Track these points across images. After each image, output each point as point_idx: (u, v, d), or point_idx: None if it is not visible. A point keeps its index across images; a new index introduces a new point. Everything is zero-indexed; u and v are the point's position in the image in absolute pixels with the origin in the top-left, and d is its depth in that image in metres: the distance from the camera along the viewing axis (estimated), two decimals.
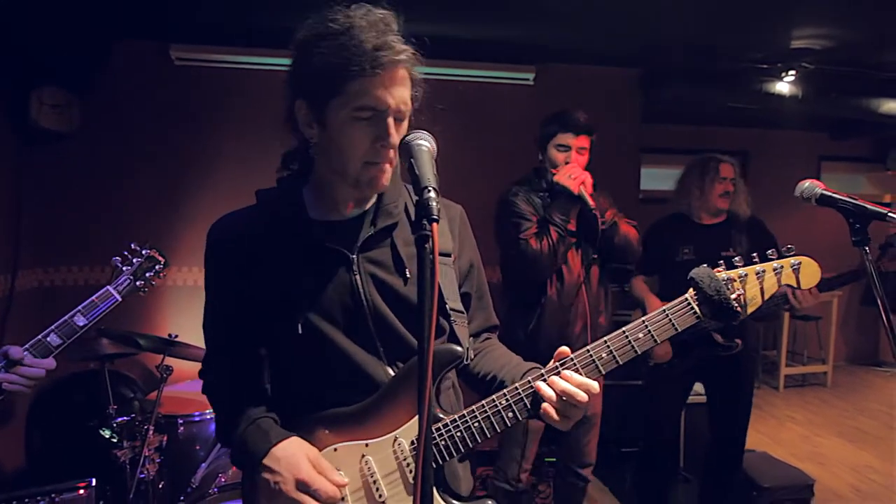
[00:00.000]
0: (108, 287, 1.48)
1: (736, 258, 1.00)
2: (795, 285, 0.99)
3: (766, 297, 0.98)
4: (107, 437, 2.12)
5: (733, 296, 0.96)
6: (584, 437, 2.19)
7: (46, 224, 3.04)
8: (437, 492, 0.97)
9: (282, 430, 0.97)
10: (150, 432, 2.01)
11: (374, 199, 1.04)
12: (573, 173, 1.96)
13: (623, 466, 3.16)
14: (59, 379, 2.91)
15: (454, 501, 0.98)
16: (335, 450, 0.98)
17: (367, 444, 0.98)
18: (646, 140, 4.35)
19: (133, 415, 2.07)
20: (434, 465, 0.96)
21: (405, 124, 0.97)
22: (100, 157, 3.14)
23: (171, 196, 3.21)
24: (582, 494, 2.29)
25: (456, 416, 0.97)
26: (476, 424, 0.96)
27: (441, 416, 0.98)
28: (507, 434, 2.14)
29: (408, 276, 1.02)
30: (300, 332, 0.96)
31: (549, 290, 2.03)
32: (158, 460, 2.08)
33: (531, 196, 2.09)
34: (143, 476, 2.02)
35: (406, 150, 0.85)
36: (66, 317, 1.39)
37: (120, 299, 1.48)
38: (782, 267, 0.99)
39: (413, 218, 1.06)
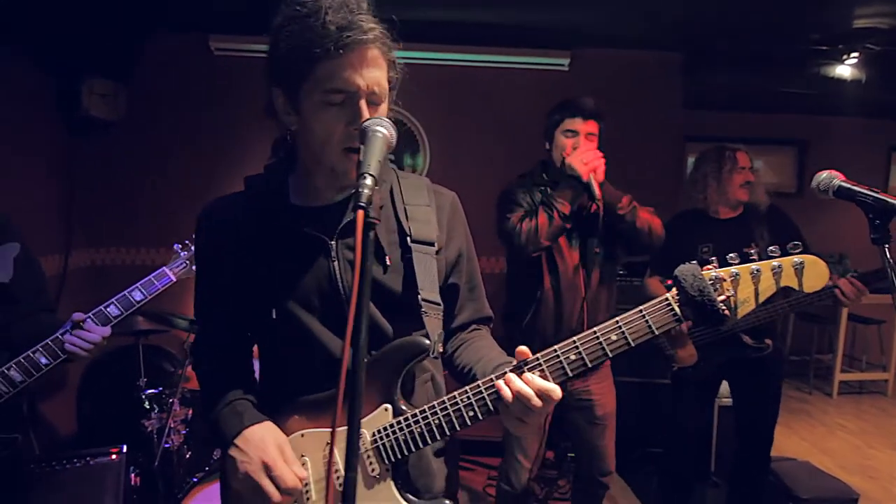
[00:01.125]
0: (165, 268, 1.64)
1: (731, 255, 0.91)
2: (797, 287, 0.88)
3: (762, 299, 0.88)
4: (147, 407, 2.26)
5: (721, 297, 0.87)
6: (598, 439, 2.12)
7: (96, 206, 3.24)
8: (395, 487, 0.96)
9: (256, 414, 0.98)
10: (176, 405, 2.12)
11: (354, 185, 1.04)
12: (586, 157, 1.87)
13: (647, 467, 3.06)
14: (107, 352, 3.11)
15: (410, 497, 0.96)
16: (302, 435, 0.99)
17: (331, 433, 0.98)
18: (691, 128, 4.15)
19: (161, 388, 2.19)
20: (396, 458, 0.96)
21: (383, 107, 0.95)
22: (144, 144, 3.31)
23: (209, 181, 3.34)
24: (600, 502, 2.23)
25: (417, 411, 0.95)
26: (437, 421, 0.94)
27: (404, 408, 0.97)
28: (507, 438, 2.11)
29: (388, 263, 1.01)
30: (274, 316, 0.98)
31: (545, 284, 1.97)
32: (184, 432, 2.20)
33: (532, 189, 2.03)
34: (167, 446, 2.14)
35: (361, 134, 0.83)
36: (125, 291, 1.55)
37: (174, 279, 1.65)
38: (782, 266, 0.88)
39: (395, 203, 1.06)
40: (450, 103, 3.51)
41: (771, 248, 0.89)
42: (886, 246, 0.97)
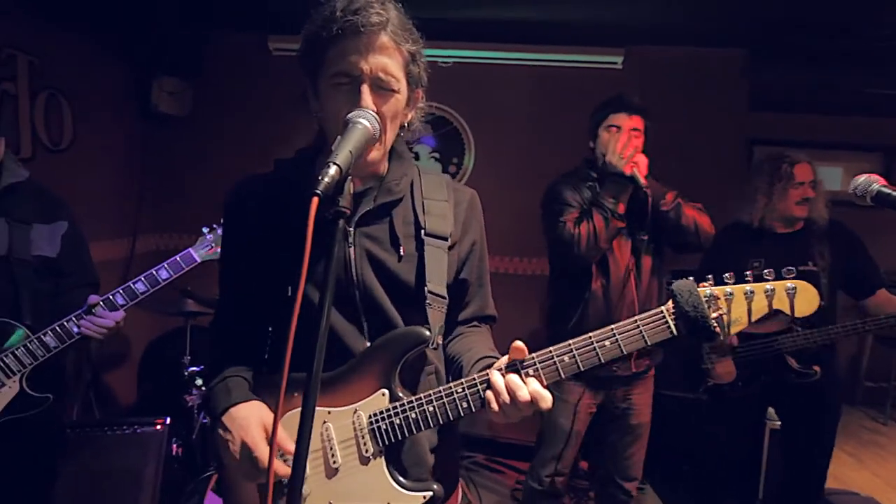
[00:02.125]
0: (190, 249, 1.73)
1: (727, 274, 0.90)
2: (788, 312, 0.88)
3: (754, 319, 0.88)
4: (189, 383, 2.41)
5: (714, 314, 0.87)
6: (628, 447, 2.05)
7: (163, 195, 3.49)
8: (386, 468, 0.97)
9: (245, 392, 1.01)
10: None
11: (378, 176, 1.04)
12: (625, 153, 1.82)
13: (683, 484, 2.89)
14: (166, 332, 3.36)
15: (399, 478, 0.98)
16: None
17: (329, 412, 1.01)
18: (759, 131, 3.88)
19: (203, 366, 2.32)
20: (390, 441, 0.97)
21: (396, 99, 0.94)
22: (207, 138, 3.53)
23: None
24: None
25: (413, 398, 0.97)
26: (431, 409, 0.95)
27: (401, 395, 0.98)
28: (545, 434, 2.07)
29: (402, 253, 1.02)
30: (289, 294, 1.01)
31: (593, 285, 1.91)
32: None
33: (580, 185, 1.98)
34: (205, 421, 2.27)
35: (344, 124, 0.84)
36: (152, 269, 1.65)
37: (199, 261, 1.74)
38: (774, 290, 0.88)
39: (414, 197, 1.07)
40: (498, 102, 3.49)
41: (766, 270, 0.90)
42: None
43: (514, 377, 0.89)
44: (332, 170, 0.75)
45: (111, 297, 1.58)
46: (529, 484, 2.11)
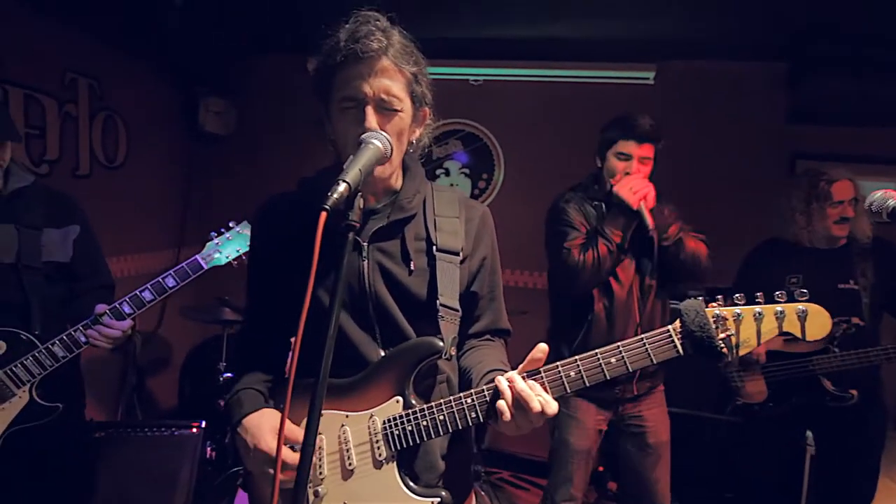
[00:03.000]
0: (197, 257, 1.70)
1: (738, 295, 0.89)
2: (799, 335, 0.87)
3: (763, 341, 0.88)
4: (224, 388, 2.52)
5: (721, 335, 0.87)
6: (650, 470, 1.99)
7: (207, 209, 3.67)
8: (398, 471, 1.01)
9: (255, 403, 1.07)
10: None
11: (392, 193, 1.10)
12: (635, 186, 1.79)
13: None
14: (206, 339, 3.51)
15: (410, 483, 1.01)
16: (322, 415, 1.06)
17: (347, 416, 1.05)
18: (802, 145, 3.75)
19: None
20: (402, 447, 1.01)
21: (400, 118, 1.00)
22: (250, 155, 3.71)
23: None
24: None
25: (425, 406, 1.00)
26: (441, 417, 0.99)
27: (414, 402, 1.02)
28: (556, 454, 2.04)
29: (412, 268, 1.07)
30: (312, 301, 1.07)
31: (595, 307, 1.89)
32: None
33: (584, 204, 1.96)
34: None
35: (357, 144, 0.91)
36: (158, 278, 1.61)
37: (206, 268, 1.70)
38: (785, 312, 0.87)
39: (427, 214, 1.11)
40: (528, 119, 3.52)
41: (777, 293, 0.89)
42: None
43: (519, 381, 0.91)
44: (342, 187, 0.81)
45: (118, 305, 1.56)
46: None
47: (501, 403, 0.91)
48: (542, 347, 0.94)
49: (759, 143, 3.38)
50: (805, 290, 0.88)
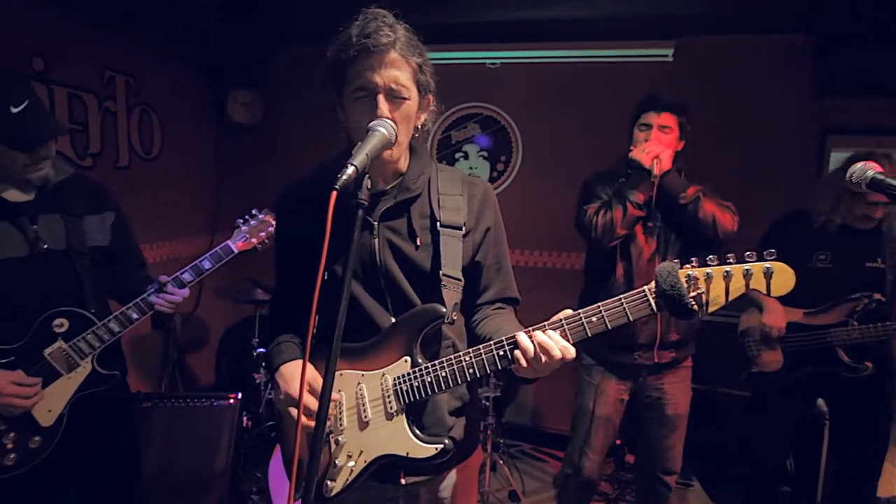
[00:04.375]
0: (228, 242, 1.86)
1: (710, 257, 0.95)
2: (764, 291, 0.92)
3: (731, 298, 0.94)
4: (257, 363, 2.69)
5: (692, 294, 0.94)
6: (665, 439, 2.07)
7: (237, 196, 3.85)
8: (407, 422, 1.13)
9: (293, 354, 1.21)
10: None
11: (397, 176, 1.19)
12: (647, 147, 1.89)
13: (735, 486, 2.81)
14: (239, 320, 3.72)
15: (417, 432, 1.13)
16: (341, 374, 1.20)
17: (363, 374, 1.18)
18: (835, 119, 3.65)
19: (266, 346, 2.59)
20: (410, 400, 1.12)
21: (407, 105, 1.09)
22: (277, 144, 3.86)
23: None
24: (664, 501, 2.16)
25: (430, 364, 1.11)
26: (443, 373, 1.10)
27: (420, 361, 1.13)
28: (576, 420, 2.14)
29: (418, 243, 1.17)
30: (326, 278, 1.18)
31: (617, 271, 1.97)
32: None
33: (612, 182, 2.04)
34: (270, 397, 2.53)
35: (366, 130, 1.01)
36: (196, 261, 1.77)
37: (236, 252, 1.85)
38: (752, 271, 0.93)
39: (431, 193, 1.21)
40: (545, 101, 3.54)
41: (748, 252, 0.94)
42: None
43: (539, 333, 1.01)
44: (350, 169, 0.91)
45: (179, 275, 1.73)
46: (564, 470, 2.18)
47: (519, 354, 1.01)
48: (567, 312, 1.03)
49: (785, 119, 3.32)
50: (773, 251, 0.93)
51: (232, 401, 2.53)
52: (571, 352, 0.99)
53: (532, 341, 1.00)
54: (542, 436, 3.30)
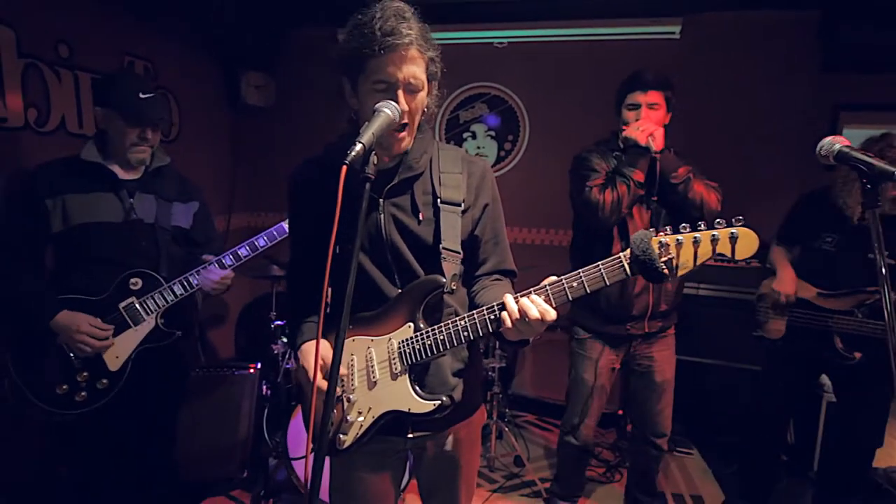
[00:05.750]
0: (282, 224, 2.06)
1: (683, 224, 1.03)
2: (730, 255, 0.99)
3: (699, 262, 1.01)
4: (275, 335, 2.84)
5: (664, 259, 1.01)
6: (655, 404, 2.18)
7: (252, 177, 3.98)
8: (409, 381, 1.24)
9: (312, 333, 1.32)
10: None
11: (400, 156, 1.27)
12: (641, 125, 1.94)
13: (731, 455, 2.92)
14: (257, 296, 3.87)
15: (419, 389, 1.24)
16: (353, 340, 1.31)
17: (372, 340, 1.29)
18: (847, 95, 3.63)
19: (286, 321, 2.73)
20: (412, 361, 1.24)
21: (420, 95, 1.19)
22: (290, 126, 3.95)
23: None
24: (656, 463, 2.28)
25: (430, 329, 1.21)
26: (441, 337, 1.20)
27: (422, 326, 1.24)
28: (571, 389, 2.25)
29: (421, 218, 1.27)
30: (338, 252, 1.29)
31: (613, 248, 2.04)
32: None
33: (606, 155, 2.10)
34: (288, 366, 2.68)
35: (372, 111, 1.09)
36: (252, 238, 2.03)
37: (287, 232, 2.02)
38: (718, 237, 1.00)
39: (433, 171, 1.30)
40: (552, 80, 3.57)
41: (718, 220, 1.00)
42: (875, 210, 0.97)
43: (524, 299, 1.10)
44: (358, 146, 1.00)
45: (221, 258, 1.96)
46: (562, 437, 2.30)
47: (505, 316, 1.11)
48: (552, 278, 1.12)
49: (795, 95, 3.32)
50: (741, 217, 1.00)
51: (252, 370, 2.69)
52: (551, 314, 1.07)
53: (516, 304, 1.10)
54: (545, 406, 3.43)
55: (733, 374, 3.03)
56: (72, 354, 1.76)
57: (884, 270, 0.98)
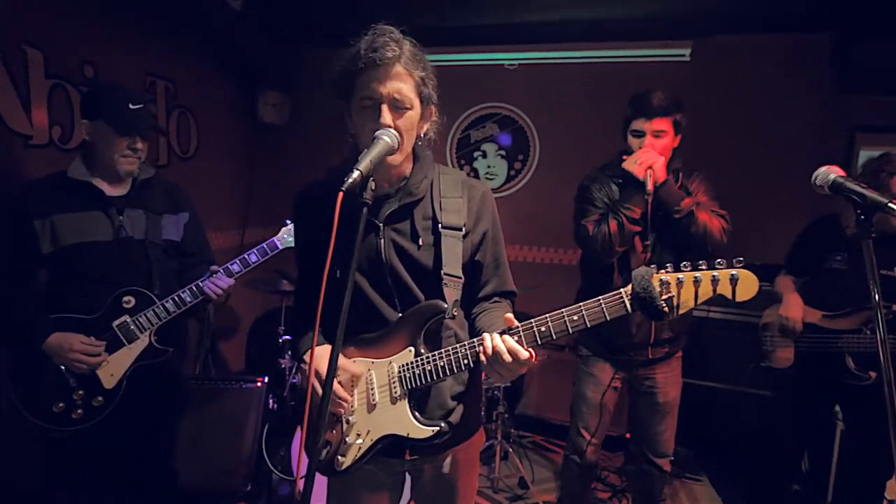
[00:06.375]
0: (274, 239, 2.07)
1: (684, 263, 1.02)
2: (730, 296, 0.99)
3: (699, 302, 1.01)
4: (283, 350, 2.88)
5: (664, 297, 1.02)
6: (658, 424, 2.16)
7: (268, 193, 4.05)
8: (408, 406, 1.26)
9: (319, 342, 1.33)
10: None
11: (401, 181, 1.30)
12: (641, 157, 1.90)
13: (739, 477, 2.86)
14: (268, 310, 3.93)
15: (417, 414, 1.26)
16: (354, 361, 1.33)
17: (373, 362, 1.31)
18: (860, 117, 3.60)
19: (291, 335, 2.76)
20: (412, 386, 1.25)
21: (409, 114, 1.19)
22: (304, 143, 4.03)
23: None
24: (659, 483, 2.24)
25: (430, 355, 1.23)
26: (441, 363, 1.22)
27: (423, 352, 1.25)
28: (574, 408, 2.24)
29: (420, 243, 1.28)
30: (338, 275, 1.32)
31: (615, 279, 2.03)
32: None
33: (608, 183, 2.07)
34: (294, 381, 2.71)
35: (372, 138, 1.12)
36: (244, 254, 2.01)
37: (280, 247, 2.08)
38: (719, 278, 1.00)
39: (433, 196, 1.32)
40: (562, 101, 3.61)
41: (718, 260, 1.01)
42: (869, 242, 0.97)
43: (496, 338, 1.12)
44: (356, 174, 1.02)
45: (229, 266, 1.97)
46: (566, 455, 2.29)
47: (482, 357, 1.14)
48: (510, 318, 1.16)
49: (809, 117, 3.31)
50: (742, 259, 1.00)
51: (259, 384, 2.72)
52: (522, 354, 1.09)
53: (491, 344, 1.12)
54: (552, 428, 3.40)
55: (745, 399, 2.98)
56: (67, 373, 1.76)
57: (877, 297, 0.96)
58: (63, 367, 1.75)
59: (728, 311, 3.08)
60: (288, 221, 2.09)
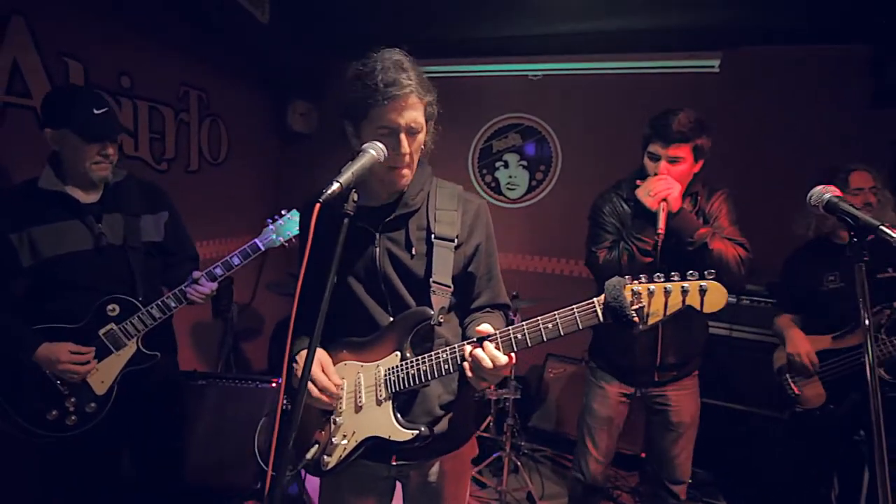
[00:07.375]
0: (256, 240, 2.00)
1: (657, 274, 1.02)
2: (698, 307, 0.99)
3: (669, 313, 1.02)
4: None
5: (635, 307, 1.02)
6: (672, 447, 2.07)
7: (295, 198, 4.14)
8: (392, 409, 1.28)
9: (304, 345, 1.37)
10: None
11: (399, 192, 1.33)
12: (654, 188, 1.79)
13: None
14: (289, 313, 4.02)
15: (400, 418, 1.27)
16: (345, 364, 1.37)
17: (362, 365, 1.34)
18: None
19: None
20: (396, 390, 1.27)
21: (420, 136, 1.25)
22: (332, 151, 4.11)
23: None
24: None
25: (415, 359, 1.26)
26: (424, 368, 1.24)
27: (409, 356, 1.28)
28: (581, 423, 2.20)
29: (413, 253, 1.32)
30: (335, 281, 1.35)
31: None
32: None
33: (621, 203, 2.00)
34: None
35: (357, 151, 1.15)
36: (226, 257, 1.95)
37: (263, 249, 2.00)
38: (688, 289, 1.01)
39: (429, 207, 1.34)
40: (586, 112, 3.58)
41: (690, 272, 1.01)
42: (861, 265, 0.93)
43: (477, 349, 1.14)
44: (334, 185, 1.06)
45: (212, 269, 1.93)
46: (573, 474, 2.23)
47: (464, 363, 1.15)
48: (485, 328, 1.16)
49: (846, 131, 3.16)
50: (714, 270, 1.00)
51: (274, 384, 2.79)
52: (502, 360, 1.11)
53: (471, 352, 1.13)
54: (566, 442, 3.32)
55: (767, 421, 2.84)
56: (58, 382, 1.75)
57: (867, 322, 0.92)
58: (53, 376, 1.74)
59: (751, 331, 2.96)
60: (269, 221, 2.05)
